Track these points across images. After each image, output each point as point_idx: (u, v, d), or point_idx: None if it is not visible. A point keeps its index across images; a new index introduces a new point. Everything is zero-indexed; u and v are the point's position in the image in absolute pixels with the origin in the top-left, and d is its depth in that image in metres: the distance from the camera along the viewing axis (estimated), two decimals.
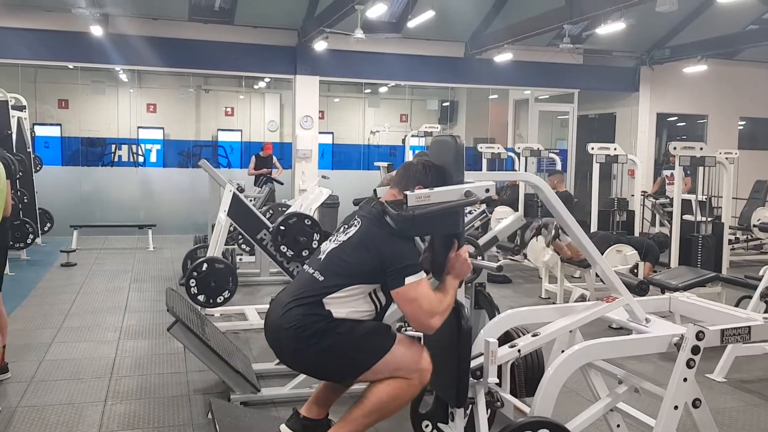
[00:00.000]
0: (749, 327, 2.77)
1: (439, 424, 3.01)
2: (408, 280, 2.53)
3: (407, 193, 2.52)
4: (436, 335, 2.72)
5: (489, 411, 2.96)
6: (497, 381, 2.81)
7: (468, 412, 2.91)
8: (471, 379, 2.77)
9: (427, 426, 3.17)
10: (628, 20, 9.51)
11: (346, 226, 2.77)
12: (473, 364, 2.77)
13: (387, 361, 2.59)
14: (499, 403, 2.87)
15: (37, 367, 4.64)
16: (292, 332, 2.56)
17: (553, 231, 6.89)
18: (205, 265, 5.61)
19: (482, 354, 2.78)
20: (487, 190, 2.61)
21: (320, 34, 10.70)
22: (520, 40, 10.98)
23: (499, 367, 2.86)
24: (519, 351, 2.88)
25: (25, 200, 9.00)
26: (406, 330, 3.45)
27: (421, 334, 2.95)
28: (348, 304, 2.59)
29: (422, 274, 2.58)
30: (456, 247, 2.70)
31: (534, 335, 2.95)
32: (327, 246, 2.76)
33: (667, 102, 13.75)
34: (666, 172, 10.33)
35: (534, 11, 10.44)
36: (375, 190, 3.10)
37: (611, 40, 11.69)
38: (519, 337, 3.11)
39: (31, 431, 3.61)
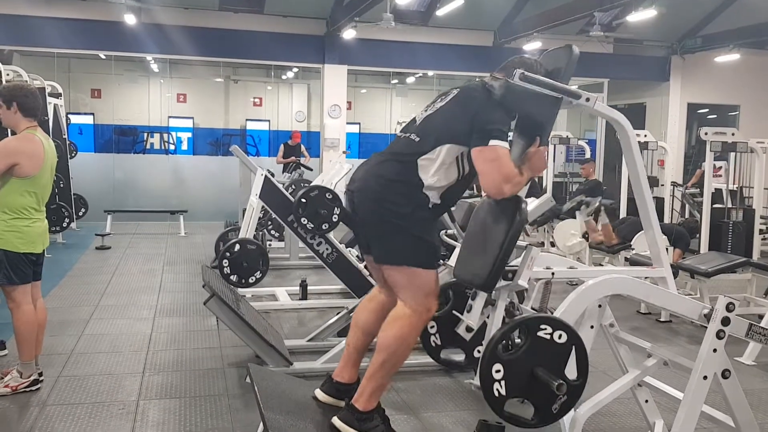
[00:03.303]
0: None
1: (455, 312, 3.07)
2: (493, 142, 2.58)
3: (518, 69, 2.59)
4: (487, 221, 2.79)
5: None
6: (526, 286, 2.86)
7: (481, 308, 2.88)
8: (501, 281, 2.78)
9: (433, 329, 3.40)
10: (659, 8, 9.44)
11: (444, 96, 2.85)
12: (507, 267, 2.79)
13: (418, 274, 2.65)
14: (518, 312, 2.91)
15: (76, 341, 4.79)
16: (383, 181, 2.66)
17: (597, 203, 6.86)
18: (237, 246, 5.72)
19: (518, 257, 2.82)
20: (588, 99, 2.72)
21: (349, 22, 10.77)
22: (549, 28, 10.94)
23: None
24: (553, 274, 2.97)
25: (61, 185, 9.19)
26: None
27: None
28: (437, 170, 2.64)
29: (507, 144, 2.63)
30: (537, 143, 2.76)
31: (570, 267, 3.02)
32: (423, 113, 2.85)
33: (699, 92, 13.59)
34: (718, 163, 10.10)
35: None
36: None
37: (642, 29, 11.59)
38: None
39: (73, 398, 3.75)
